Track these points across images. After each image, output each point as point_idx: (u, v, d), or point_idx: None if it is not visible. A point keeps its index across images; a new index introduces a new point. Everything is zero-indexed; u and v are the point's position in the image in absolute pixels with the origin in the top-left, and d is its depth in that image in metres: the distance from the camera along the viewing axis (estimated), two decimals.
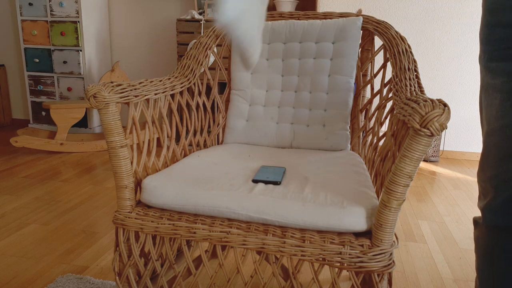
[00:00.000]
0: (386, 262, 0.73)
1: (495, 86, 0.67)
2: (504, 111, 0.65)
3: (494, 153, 0.68)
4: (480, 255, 0.75)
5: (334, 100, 1.22)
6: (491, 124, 0.69)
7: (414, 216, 1.83)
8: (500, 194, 0.68)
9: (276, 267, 0.80)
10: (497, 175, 0.68)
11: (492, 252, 0.71)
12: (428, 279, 1.31)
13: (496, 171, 0.68)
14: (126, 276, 0.91)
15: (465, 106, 2.88)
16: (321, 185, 0.87)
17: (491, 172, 0.70)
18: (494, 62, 0.67)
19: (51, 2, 3.04)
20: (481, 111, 0.74)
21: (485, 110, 0.71)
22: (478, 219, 0.78)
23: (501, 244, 0.69)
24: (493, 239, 0.71)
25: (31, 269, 1.30)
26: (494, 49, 0.67)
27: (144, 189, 0.89)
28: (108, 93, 0.83)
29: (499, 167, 0.67)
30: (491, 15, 0.67)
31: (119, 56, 3.44)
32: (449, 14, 2.77)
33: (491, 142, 0.69)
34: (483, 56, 0.71)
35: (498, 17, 0.66)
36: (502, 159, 0.67)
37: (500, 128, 0.67)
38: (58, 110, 2.69)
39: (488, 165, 0.70)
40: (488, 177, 0.70)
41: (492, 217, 0.71)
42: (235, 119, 1.29)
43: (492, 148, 0.69)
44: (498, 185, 0.68)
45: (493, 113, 0.68)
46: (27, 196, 1.94)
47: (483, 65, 0.71)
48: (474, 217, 0.80)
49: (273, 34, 1.27)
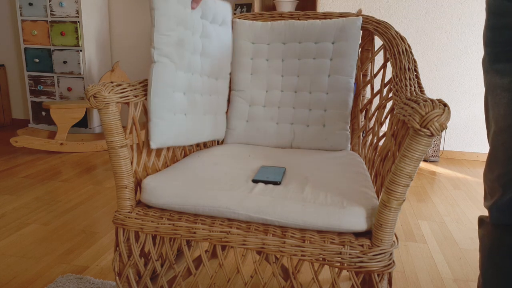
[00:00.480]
0: (386, 262, 0.73)
1: (502, 86, 0.68)
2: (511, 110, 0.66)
3: (502, 152, 0.69)
4: (485, 254, 0.75)
5: (334, 100, 1.22)
6: (498, 124, 0.69)
7: (414, 216, 1.83)
8: (508, 193, 0.68)
9: (276, 267, 0.80)
10: (505, 174, 0.68)
11: (498, 250, 0.71)
12: (428, 279, 1.31)
13: (504, 169, 0.69)
14: (126, 276, 0.91)
15: (465, 106, 2.88)
16: (321, 185, 0.87)
17: (499, 171, 0.70)
18: (500, 63, 0.68)
19: (51, 2, 3.04)
20: (487, 111, 0.75)
21: (492, 110, 0.72)
22: (484, 218, 0.78)
23: (507, 243, 0.70)
24: (499, 238, 0.71)
25: (31, 269, 1.30)
26: (500, 51, 0.68)
27: (144, 189, 0.89)
28: (108, 93, 0.83)
29: (507, 166, 0.68)
30: (496, 18, 0.68)
31: (119, 56, 3.44)
32: (449, 14, 2.77)
33: (499, 141, 0.69)
34: (488, 58, 0.72)
35: (503, 20, 0.67)
36: (510, 157, 0.67)
37: (508, 127, 0.67)
38: (58, 110, 2.69)
39: (496, 164, 0.71)
40: (496, 176, 0.71)
41: (500, 216, 0.71)
42: (235, 120, 1.29)
43: (500, 147, 0.69)
44: (506, 183, 0.68)
45: (500, 113, 0.69)
46: (27, 196, 1.94)
47: (488, 66, 0.72)
48: (480, 216, 0.80)
49: (273, 34, 1.27)
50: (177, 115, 0.96)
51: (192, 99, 1.02)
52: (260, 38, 1.28)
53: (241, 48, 1.28)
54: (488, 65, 0.72)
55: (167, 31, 0.90)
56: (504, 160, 0.68)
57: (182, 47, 0.95)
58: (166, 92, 0.93)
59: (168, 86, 0.93)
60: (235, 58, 1.30)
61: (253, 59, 1.29)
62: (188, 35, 0.97)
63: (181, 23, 0.94)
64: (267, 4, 2.92)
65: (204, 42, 1.05)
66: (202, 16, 1.04)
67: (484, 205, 0.76)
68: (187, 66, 0.99)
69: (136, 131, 0.94)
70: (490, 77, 0.71)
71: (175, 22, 0.91)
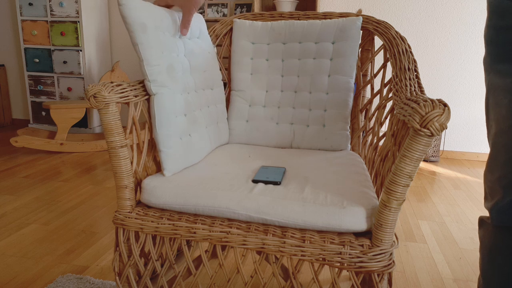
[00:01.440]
0: (386, 262, 0.73)
1: (504, 87, 0.68)
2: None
3: (503, 154, 0.69)
4: (485, 255, 0.75)
5: (334, 100, 1.22)
6: (500, 125, 0.69)
7: (414, 216, 1.83)
8: (509, 194, 0.68)
9: (276, 267, 0.80)
10: (506, 175, 0.68)
11: (498, 251, 0.71)
12: (428, 279, 1.31)
13: (505, 171, 0.68)
14: (126, 276, 0.91)
15: (465, 106, 2.88)
16: (321, 185, 0.87)
17: (499, 173, 0.70)
18: (502, 63, 0.68)
19: (51, 2, 3.04)
20: (488, 112, 0.74)
21: (493, 110, 0.71)
22: (484, 218, 0.78)
23: (507, 244, 0.70)
24: (500, 239, 0.71)
25: (31, 269, 1.30)
26: (502, 51, 0.68)
27: (144, 189, 0.89)
28: (108, 93, 0.83)
29: (508, 168, 0.68)
30: (498, 18, 0.68)
31: (119, 56, 3.44)
32: (449, 14, 2.77)
33: (500, 143, 0.69)
34: (489, 58, 0.71)
35: (504, 20, 0.67)
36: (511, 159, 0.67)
37: (509, 128, 0.67)
38: (58, 110, 2.69)
39: (497, 166, 0.70)
40: (497, 178, 0.71)
41: (500, 217, 0.71)
42: (235, 120, 1.29)
43: (501, 148, 0.69)
44: (507, 185, 0.68)
45: (502, 113, 0.68)
46: (27, 196, 1.94)
47: (490, 66, 0.71)
48: (480, 217, 0.80)
49: (273, 34, 1.27)
50: (183, 138, 0.98)
51: (193, 118, 1.04)
52: (260, 38, 1.28)
53: (241, 48, 1.28)
54: (489, 65, 0.72)
55: (156, 61, 0.92)
56: (505, 162, 0.68)
57: (173, 71, 0.97)
58: (169, 120, 0.94)
59: (170, 114, 0.94)
60: (235, 58, 1.30)
61: (253, 59, 1.30)
62: (174, 57, 0.99)
63: (166, 49, 0.96)
64: (267, 4, 2.92)
65: (190, 59, 1.07)
66: (181, 35, 1.06)
67: (485, 205, 0.76)
68: (182, 88, 1.01)
69: (136, 131, 0.94)
70: (492, 77, 0.71)
71: (160, 50, 0.93)
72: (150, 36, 0.91)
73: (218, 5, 2.97)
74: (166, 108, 0.94)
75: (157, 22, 0.95)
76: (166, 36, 0.98)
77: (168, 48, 0.98)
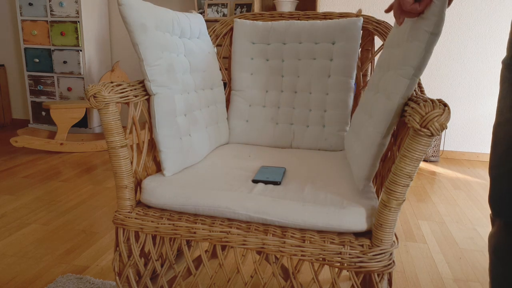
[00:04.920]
0: (386, 262, 0.73)
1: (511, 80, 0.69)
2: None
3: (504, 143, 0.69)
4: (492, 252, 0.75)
5: (334, 101, 1.22)
6: (503, 115, 0.70)
7: (414, 216, 1.83)
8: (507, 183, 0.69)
9: (276, 267, 0.80)
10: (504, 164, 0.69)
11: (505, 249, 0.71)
12: (428, 279, 1.31)
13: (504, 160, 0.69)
14: (126, 276, 0.91)
15: (465, 106, 2.88)
16: (321, 185, 0.87)
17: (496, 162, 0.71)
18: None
19: (51, 2, 3.04)
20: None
21: (499, 102, 0.73)
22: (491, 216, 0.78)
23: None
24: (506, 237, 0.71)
25: (31, 269, 1.30)
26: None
27: (144, 189, 0.89)
28: (108, 93, 0.83)
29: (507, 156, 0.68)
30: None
31: (119, 56, 3.44)
32: (449, 14, 2.77)
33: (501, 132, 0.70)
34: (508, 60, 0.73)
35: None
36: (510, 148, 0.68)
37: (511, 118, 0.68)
38: (58, 110, 2.69)
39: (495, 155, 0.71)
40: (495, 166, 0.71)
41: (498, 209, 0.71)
42: (235, 120, 1.29)
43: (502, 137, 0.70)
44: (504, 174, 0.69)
45: (506, 104, 0.69)
46: (27, 196, 1.94)
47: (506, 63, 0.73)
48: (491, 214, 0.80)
49: (273, 34, 1.27)
50: (183, 138, 0.98)
51: (193, 118, 1.04)
52: (261, 38, 1.28)
53: (241, 48, 1.28)
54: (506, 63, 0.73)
55: (155, 61, 0.92)
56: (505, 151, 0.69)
57: (172, 71, 0.97)
58: (169, 121, 0.94)
59: (170, 114, 0.95)
60: (235, 58, 1.30)
61: (253, 59, 1.29)
62: (174, 57, 0.99)
63: (165, 48, 0.96)
64: (267, 4, 2.92)
65: (189, 59, 1.08)
66: (181, 35, 1.06)
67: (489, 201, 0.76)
68: (182, 88, 1.01)
69: (136, 131, 0.94)
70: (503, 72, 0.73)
71: (160, 50, 0.94)
72: (150, 36, 0.91)
73: (218, 5, 2.97)
74: (166, 108, 0.94)
75: (157, 22, 0.95)
76: (166, 36, 0.98)
77: (168, 48, 0.98)
